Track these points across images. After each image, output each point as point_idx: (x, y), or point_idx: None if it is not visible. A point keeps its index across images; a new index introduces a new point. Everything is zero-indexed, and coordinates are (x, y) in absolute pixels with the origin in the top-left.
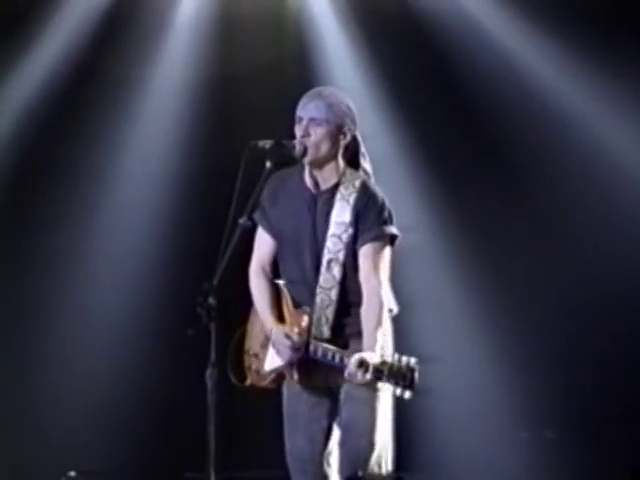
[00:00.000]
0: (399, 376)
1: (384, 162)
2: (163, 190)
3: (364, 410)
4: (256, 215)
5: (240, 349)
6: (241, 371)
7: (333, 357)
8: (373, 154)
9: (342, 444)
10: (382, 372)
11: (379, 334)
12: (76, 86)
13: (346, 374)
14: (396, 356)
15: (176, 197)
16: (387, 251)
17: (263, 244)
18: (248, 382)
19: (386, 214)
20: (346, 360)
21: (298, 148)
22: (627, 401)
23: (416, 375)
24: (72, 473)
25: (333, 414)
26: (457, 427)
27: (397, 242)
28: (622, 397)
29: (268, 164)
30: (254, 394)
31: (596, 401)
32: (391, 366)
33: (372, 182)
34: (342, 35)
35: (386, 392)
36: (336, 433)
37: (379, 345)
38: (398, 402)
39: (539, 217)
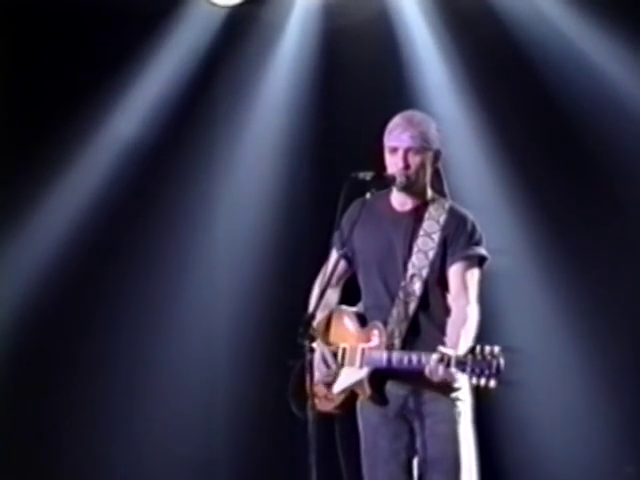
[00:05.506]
0: (484, 365)
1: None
2: (266, 216)
3: (448, 446)
4: (334, 236)
5: (303, 380)
6: (303, 401)
7: (410, 360)
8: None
9: None
10: (465, 363)
11: (462, 337)
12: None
13: (427, 372)
14: (478, 347)
15: (278, 225)
16: (476, 272)
17: (333, 263)
18: (310, 412)
19: (477, 236)
20: (424, 358)
21: (399, 180)
22: None
23: (502, 361)
24: None
25: (411, 448)
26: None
27: (486, 264)
28: None
29: (368, 196)
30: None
31: None
32: (474, 356)
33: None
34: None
35: (467, 423)
36: (415, 467)
37: (462, 346)
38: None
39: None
